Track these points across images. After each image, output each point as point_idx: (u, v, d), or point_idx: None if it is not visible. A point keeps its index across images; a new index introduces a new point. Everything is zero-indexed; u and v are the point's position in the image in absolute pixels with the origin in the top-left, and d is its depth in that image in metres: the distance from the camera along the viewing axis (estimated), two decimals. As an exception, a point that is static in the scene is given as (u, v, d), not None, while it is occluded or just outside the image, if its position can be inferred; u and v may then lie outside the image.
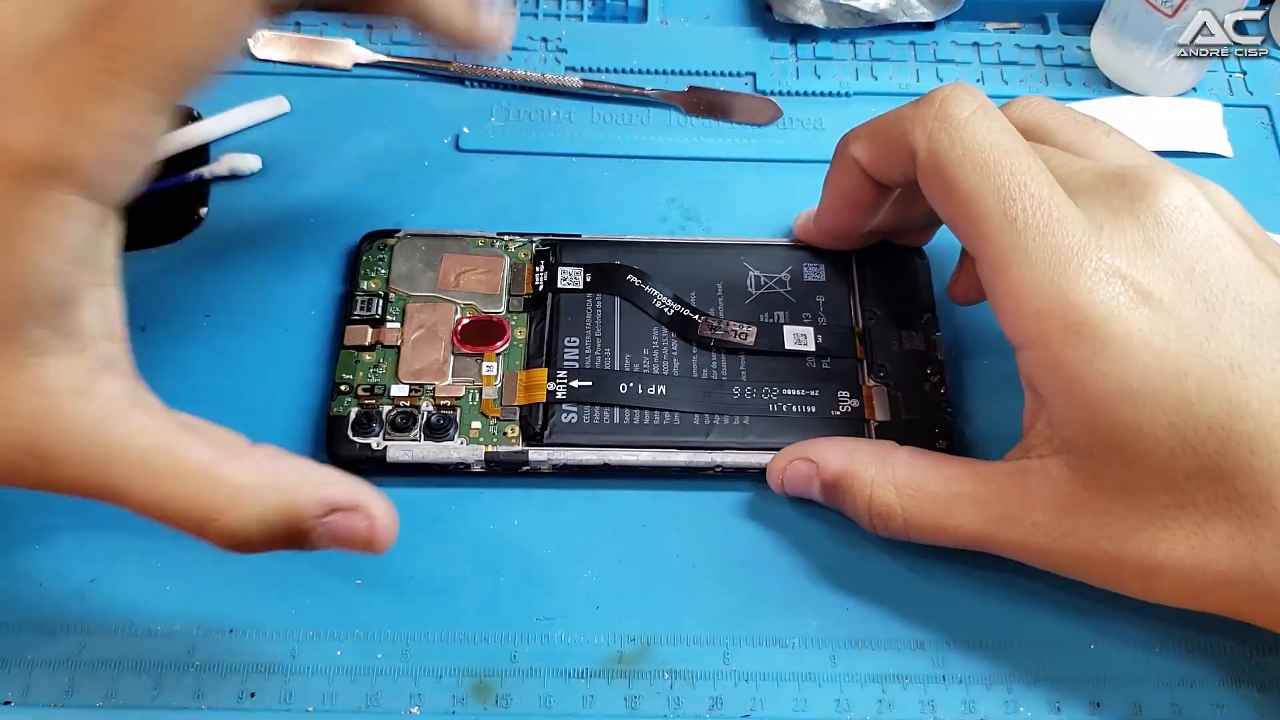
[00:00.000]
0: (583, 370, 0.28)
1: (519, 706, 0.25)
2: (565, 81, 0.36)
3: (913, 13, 0.37)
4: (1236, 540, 0.22)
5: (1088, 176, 0.24)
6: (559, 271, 0.30)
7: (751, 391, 0.28)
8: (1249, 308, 0.22)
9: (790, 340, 0.29)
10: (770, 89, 0.36)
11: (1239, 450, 0.22)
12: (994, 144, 0.24)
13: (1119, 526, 0.23)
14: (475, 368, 0.29)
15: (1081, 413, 0.22)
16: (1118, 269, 0.22)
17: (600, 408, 0.28)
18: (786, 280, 0.31)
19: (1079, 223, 0.23)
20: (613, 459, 0.27)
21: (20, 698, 0.24)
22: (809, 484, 0.27)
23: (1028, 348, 0.23)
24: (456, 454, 0.27)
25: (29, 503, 0.27)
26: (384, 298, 0.30)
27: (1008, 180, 0.23)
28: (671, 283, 0.30)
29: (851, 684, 0.25)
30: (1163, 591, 0.23)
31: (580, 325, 0.29)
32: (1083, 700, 0.25)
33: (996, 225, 0.23)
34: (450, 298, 0.30)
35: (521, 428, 0.28)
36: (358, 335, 0.29)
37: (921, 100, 0.25)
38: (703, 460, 0.27)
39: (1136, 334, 0.22)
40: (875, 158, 0.26)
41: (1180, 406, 0.22)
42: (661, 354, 0.29)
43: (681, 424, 0.28)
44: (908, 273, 0.31)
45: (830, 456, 0.26)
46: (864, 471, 0.26)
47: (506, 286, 0.30)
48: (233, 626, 0.26)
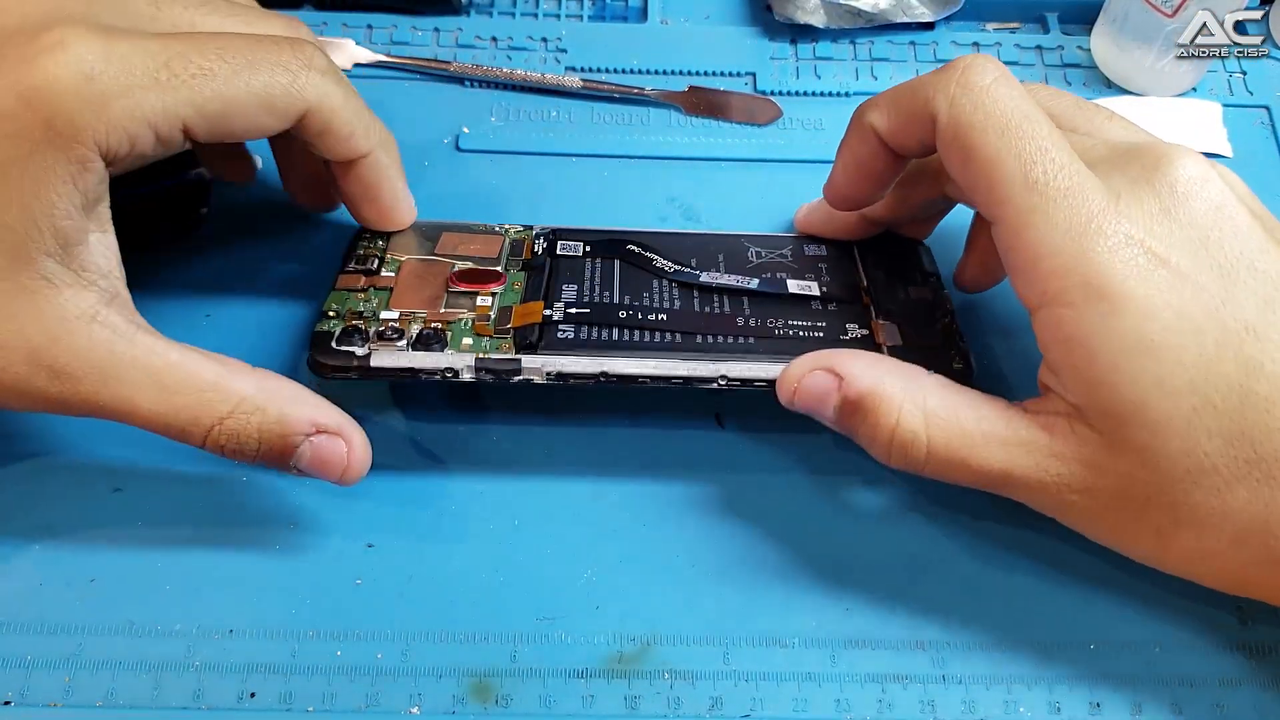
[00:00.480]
0: (580, 303, 0.27)
1: (519, 706, 0.25)
2: (565, 81, 0.36)
3: (913, 13, 0.37)
4: (1253, 504, 0.22)
5: (1101, 151, 0.25)
6: (558, 245, 0.30)
7: (756, 320, 0.27)
8: (1262, 275, 0.23)
9: (794, 288, 0.28)
10: (770, 89, 0.36)
11: (1256, 410, 0.22)
12: (1015, 109, 0.24)
13: (1140, 489, 0.23)
14: (469, 302, 0.28)
15: (1100, 370, 0.23)
16: (1135, 235, 0.23)
17: (599, 327, 0.27)
18: (788, 255, 0.30)
19: (1097, 189, 0.23)
20: (611, 368, 0.26)
21: (20, 698, 0.24)
22: (826, 399, 0.25)
23: (1045, 306, 0.23)
24: (445, 361, 0.26)
25: (29, 503, 0.27)
26: (380, 257, 0.29)
27: (1029, 144, 0.23)
28: (673, 258, 0.29)
29: (851, 684, 0.25)
30: (1175, 555, 0.24)
31: (579, 277, 0.28)
32: (1083, 700, 0.25)
33: (1018, 187, 0.23)
34: (448, 258, 0.29)
35: (515, 340, 0.26)
36: (350, 281, 0.28)
37: (943, 68, 0.25)
38: (706, 371, 0.26)
39: (1155, 294, 0.22)
40: (894, 125, 0.26)
41: (1199, 362, 0.22)
42: (662, 298, 0.28)
43: (683, 342, 0.27)
44: (910, 256, 0.30)
45: (858, 371, 0.25)
46: (893, 393, 0.24)
47: (505, 254, 0.29)
48: (233, 626, 0.26)
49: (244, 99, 0.24)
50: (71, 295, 0.23)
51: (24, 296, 0.22)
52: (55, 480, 0.27)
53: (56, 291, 0.23)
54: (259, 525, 0.27)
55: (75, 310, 0.23)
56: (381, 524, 0.27)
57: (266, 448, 0.24)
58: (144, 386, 0.23)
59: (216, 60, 0.23)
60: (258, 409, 0.24)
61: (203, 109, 0.23)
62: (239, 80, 0.24)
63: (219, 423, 0.24)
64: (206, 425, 0.24)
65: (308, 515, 0.27)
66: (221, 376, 0.24)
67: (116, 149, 0.22)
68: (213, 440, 0.24)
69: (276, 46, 0.25)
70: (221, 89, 0.23)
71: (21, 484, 0.27)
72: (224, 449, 0.24)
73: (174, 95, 0.23)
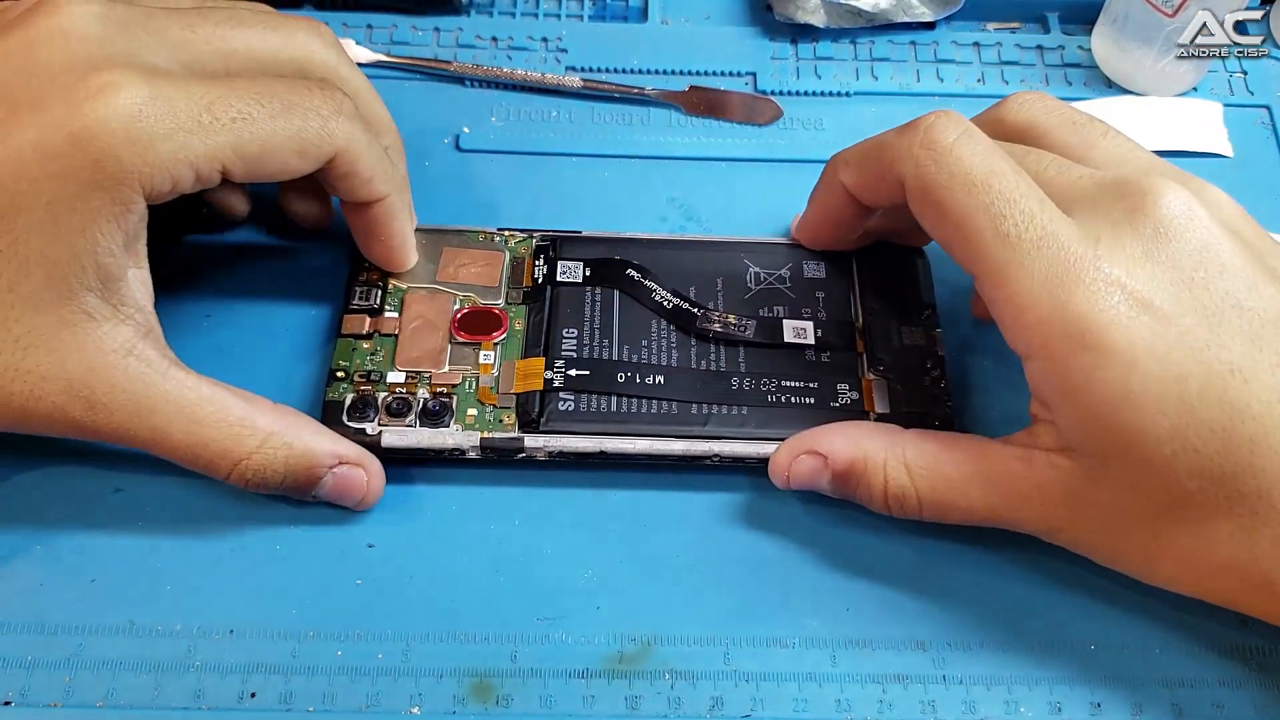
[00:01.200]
0: (580, 360, 0.28)
1: (519, 706, 0.25)
2: (565, 81, 0.36)
3: (913, 12, 0.37)
4: (1237, 537, 0.22)
5: (1086, 185, 0.24)
6: (558, 266, 0.30)
7: (750, 382, 0.28)
8: (1249, 313, 0.22)
9: (789, 334, 0.29)
10: (770, 89, 0.36)
11: (1240, 451, 0.22)
12: (980, 165, 0.24)
13: (1121, 519, 0.23)
14: (473, 356, 0.29)
15: (1085, 417, 0.23)
16: (1116, 279, 0.22)
17: (597, 396, 0.28)
18: (786, 277, 0.31)
19: (1073, 235, 0.23)
20: (609, 447, 0.27)
21: (20, 698, 0.24)
22: (817, 477, 0.26)
23: (1032, 358, 0.24)
24: (452, 440, 0.27)
25: (29, 503, 0.27)
26: (382, 288, 0.30)
27: (996, 199, 0.23)
28: (671, 278, 0.30)
29: (852, 684, 0.25)
30: (1163, 575, 0.24)
31: (579, 317, 0.29)
32: (1083, 700, 0.25)
33: (989, 242, 0.23)
34: (449, 289, 0.30)
35: (518, 415, 0.28)
36: (355, 324, 0.29)
37: (906, 128, 0.25)
38: (700, 449, 0.27)
39: (1138, 341, 0.22)
40: (862, 183, 0.27)
41: (1181, 409, 0.22)
42: (660, 345, 0.29)
43: (679, 413, 0.28)
44: (908, 271, 0.31)
45: (839, 446, 0.26)
46: (875, 456, 0.26)
47: (506, 279, 0.30)
48: (233, 626, 0.26)
49: (279, 143, 0.24)
50: (109, 329, 0.24)
51: (66, 330, 0.23)
52: (55, 480, 0.27)
53: (96, 325, 0.24)
54: (259, 525, 0.27)
55: (112, 344, 0.24)
56: (381, 524, 0.27)
57: (291, 479, 0.25)
58: (176, 420, 0.24)
59: (254, 104, 0.24)
60: (284, 444, 0.25)
61: (241, 151, 0.24)
62: (275, 125, 0.24)
63: (247, 457, 0.25)
64: (234, 459, 0.25)
65: (308, 515, 0.27)
66: (249, 413, 0.25)
67: (159, 188, 0.23)
68: (238, 473, 0.25)
69: (309, 91, 0.25)
70: (259, 133, 0.24)
71: (22, 484, 0.27)
72: (248, 482, 0.25)
73: (215, 139, 0.23)
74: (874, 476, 0.26)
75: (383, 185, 0.27)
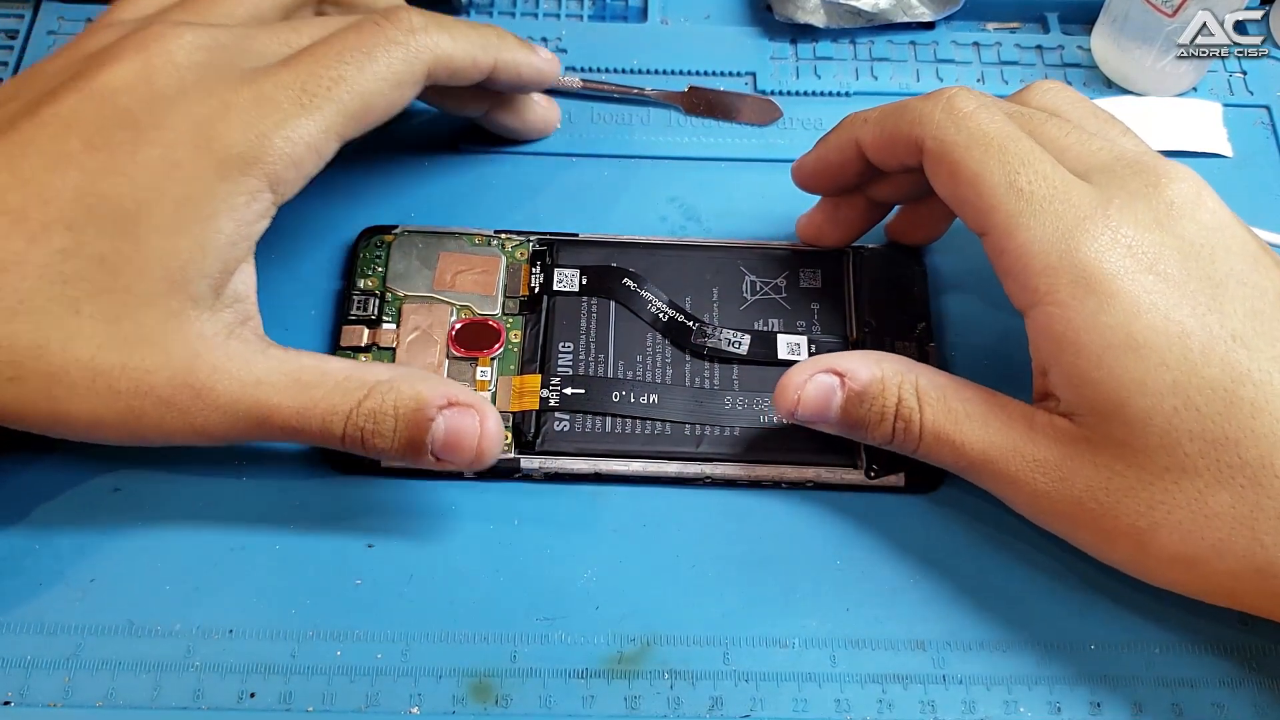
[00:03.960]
0: (576, 377, 0.28)
1: (519, 706, 0.25)
2: (565, 81, 0.36)
3: (913, 12, 0.37)
4: (1237, 509, 0.22)
5: (1104, 156, 0.25)
6: (555, 274, 0.30)
7: (743, 401, 0.29)
8: (1252, 287, 0.23)
9: (784, 350, 0.29)
10: (770, 89, 0.36)
11: (1241, 414, 0.22)
12: (998, 130, 0.25)
13: (1118, 483, 0.23)
14: (470, 372, 0.29)
15: (1086, 366, 0.23)
16: (1126, 238, 0.23)
17: (592, 416, 0.28)
18: (782, 286, 0.31)
19: (1086, 194, 0.24)
20: (604, 468, 0.28)
21: (20, 698, 0.24)
22: (829, 400, 0.26)
23: (1035, 305, 0.24)
24: None
25: (29, 503, 0.27)
26: (380, 297, 0.30)
27: (1012, 157, 0.24)
28: (667, 286, 0.30)
29: (852, 684, 0.25)
30: (1155, 558, 0.23)
31: (575, 330, 0.29)
32: (1083, 700, 0.25)
33: (1003, 194, 0.24)
34: (446, 298, 0.30)
35: (514, 434, 0.28)
36: (353, 336, 0.29)
37: (928, 95, 0.26)
38: (692, 471, 0.28)
39: (1142, 294, 0.23)
40: (878, 144, 0.27)
41: (1183, 364, 0.22)
42: (655, 360, 0.29)
43: (672, 434, 0.28)
44: (904, 281, 0.31)
45: (859, 366, 0.26)
46: (892, 378, 0.25)
47: (502, 288, 0.30)
48: (233, 626, 0.26)
49: (376, 88, 0.25)
50: (211, 316, 0.24)
51: (172, 320, 0.24)
52: (55, 480, 0.27)
53: (199, 313, 0.24)
54: (259, 525, 0.27)
55: (213, 329, 0.24)
56: (381, 524, 0.27)
57: (404, 424, 0.24)
58: (282, 387, 0.24)
59: (339, 64, 0.25)
60: (392, 389, 0.24)
61: (347, 114, 0.25)
62: (364, 76, 0.25)
63: (356, 406, 0.24)
64: (345, 410, 0.24)
65: (308, 515, 0.27)
66: (355, 368, 0.25)
67: (284, 176, 0.25)
68: (353, 424, 0.24)
69: (377, 27, 0.26)
70: (356, 90, 0.25)
71: (22, 484, 0.27)
72: (364, 433, 0.24)
73: (321, 113, 0.25)
74: (889, 396, 0.25)
75: (484, 56, 0.28)
